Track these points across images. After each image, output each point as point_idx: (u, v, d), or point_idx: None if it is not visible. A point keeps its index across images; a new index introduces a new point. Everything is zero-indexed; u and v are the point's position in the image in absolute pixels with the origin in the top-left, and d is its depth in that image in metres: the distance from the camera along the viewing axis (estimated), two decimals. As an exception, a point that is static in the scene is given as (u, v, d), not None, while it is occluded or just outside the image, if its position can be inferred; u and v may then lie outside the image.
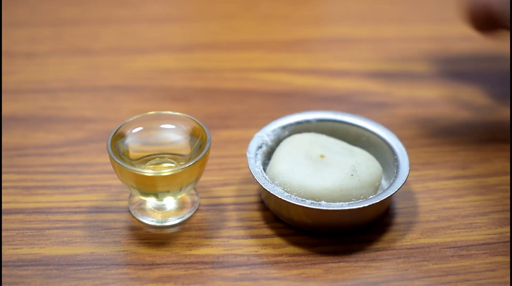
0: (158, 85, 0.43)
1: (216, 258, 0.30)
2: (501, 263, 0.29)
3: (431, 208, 0.32)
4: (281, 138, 0.34)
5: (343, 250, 0.30)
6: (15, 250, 0.30)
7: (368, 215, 0.30)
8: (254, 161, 0.32)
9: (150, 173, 0.29)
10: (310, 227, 0.30)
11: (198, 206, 0.32)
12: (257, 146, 0.33)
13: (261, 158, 0.32)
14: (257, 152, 0.32)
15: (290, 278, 0.29)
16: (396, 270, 0.29)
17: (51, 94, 0.41)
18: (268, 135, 0.33)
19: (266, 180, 0.31)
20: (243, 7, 0.53)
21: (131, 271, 0.29)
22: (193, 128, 0.32)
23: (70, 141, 0.37)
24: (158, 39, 0.49)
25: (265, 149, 0.33)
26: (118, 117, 0.39)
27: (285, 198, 0.29)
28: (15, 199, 0.33)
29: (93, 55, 0.46)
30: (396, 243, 0.30)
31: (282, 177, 0.30)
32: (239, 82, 0.43)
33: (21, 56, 0.46)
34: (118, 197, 0.33)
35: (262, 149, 0.33)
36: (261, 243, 0.30)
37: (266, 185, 0.30)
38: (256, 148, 0.32)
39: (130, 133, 0.32)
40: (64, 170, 0.35)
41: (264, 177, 0.31)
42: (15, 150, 0.36)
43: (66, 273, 0.29)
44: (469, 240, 0.30)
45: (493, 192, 0.33)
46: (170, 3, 0.56)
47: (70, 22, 0.50)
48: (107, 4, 0.53)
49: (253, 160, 0.32)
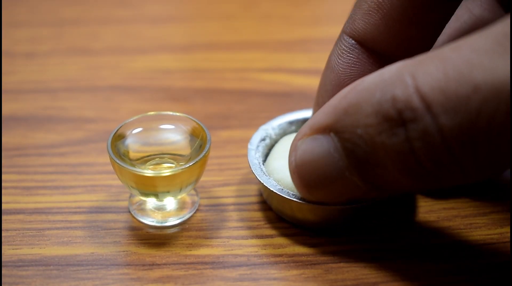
0: (158, 85, 0.43)
1: (216, 258, 0.30)
2: (501, 263, 0.29)
3: (431, 208, 0.32)
4: (287, 133, 0.34)
5: (343, 250, 0.30)
6: (15, 250, 0.30)
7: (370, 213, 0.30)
8: (254, 153, 0.31)
9: (150, 174, 0.29)
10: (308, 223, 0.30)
11: (198, 207, 0.32)
12: (261, 138, 0.32)
13: (262, 150, 0.32)
14: (259, 144, 0.32)
15: (290, 278, 0.29)
16: (396, 270, 0.29)
17: (51, 94, 0.41)
18: (273, 129, 0.33)
19: (262, 172, 0.30)
20: (243, 7, 0.53)
21: (131, 271, 0.29)
22: (193, 128, 0.32)
23: (70, 141, 0.37)
24: (158, 39, 0.49)
25: (268, 142, 0.33)
26: (118, 117, 0.39)
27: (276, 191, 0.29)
28: (15, 199, 0.33)
29: (93, 55, 0.46)
30: (396, 243, 0.30)
31: (276, 174, 0.30)
32: (239, 82, 0.43)
33: (21, 56, 0.46)
34: (118, 197, 0.33)
35: (265, 142, 0.32)
36: (261, 244, 0.30)
37: (261, 177, 0.30)
38: (259, 140, 0.32)
39: (130, 133, 0.32)
40: (64, 170, 0.35)
41: (261, 169, 0.31)
42: (15, 150, 0.36)
43: (66, 273, 0.29)
44: (469, 240, 0.30)
45: (493, 192, 0.33)
46: (170, 3, 0.56)
47: (70, 22, 0.50)
48: (107, 4, 0.53)
49: (254, 152, 0.31)
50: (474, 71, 0.22)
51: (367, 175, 0.25)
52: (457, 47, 0.22)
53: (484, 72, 0.21)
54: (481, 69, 0.21)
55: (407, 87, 0.23)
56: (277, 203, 0.31)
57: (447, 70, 0.22)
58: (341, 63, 0.29)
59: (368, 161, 0.24)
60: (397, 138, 0.23)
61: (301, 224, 0.31)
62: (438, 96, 0.22)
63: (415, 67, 0.23)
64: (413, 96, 0.23)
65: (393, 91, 0.23)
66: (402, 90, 0.23)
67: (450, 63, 0.22)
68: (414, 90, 0.23)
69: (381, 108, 0.23)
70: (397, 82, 0.23)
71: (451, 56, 0.22)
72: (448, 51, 0.23)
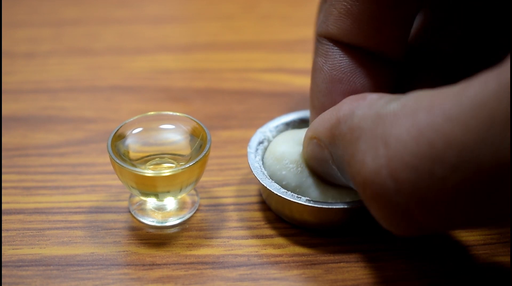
0: (158, 85, 0.43)
1: (216, 259, 0.30)
2: (501, 263, 0.29)
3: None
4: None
5: (343, 250, 0.30)
6: (15, 250, 0.30)
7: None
8: (254, 156, 0.31)
9: (150, 174, 0.29)
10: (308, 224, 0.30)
11: (198, 207, 0.32)
12: (259, 141, 0.32)
13: (261, 153, 0.32)
14: (258, 147, 0.32)
15: (290, 278, 0.29)
16: (396, 270, 0.29)
17: (51, 94, 0.41)
18: (271, 131, 0.33)
19: (265, 175, 0.30)
20: (243, 7, 0.53)
21: (131, 271, 0.29)
22: (193, 128, 0.32)
23: (70, 141, 0.37)
24: (158, 39, 0.49)
25: (266, 144, 0.33)
26: (118, 117, 0.39)
27: (281, 194, 0.29)
28: (15, 199, 0.33)
29: (93, 55, 0.46)
30: (396, 243, 0.30)
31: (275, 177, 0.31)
32: (239, 82, 0.43)
33: (21, 56, 0.46)
34: (118, 197, 0.33)
35: (263, 145, 0.33)
36: (261, 244, 0.30)
37: (264, 180, 0.30)
38: (257, 143, 0.32)
39: (130, 133, 0.32)
40: (64, 170, 0.35)
41: (263, 172, 0.31)
42: (15, 150, 0.36)
43: (67, 273, 0.29)
44: (469, 240, 0.30)
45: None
46: (170, 3, 0.56)
47: (70, 22, 0.50)
48: (107, 4, 0.53)
49: (253, 155, 0.32)
50: (449, 150, 0.21)
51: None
52: (430, 109, 0.22)
53: (465, 152, 0.20)
54: (457, 148, 0.21)
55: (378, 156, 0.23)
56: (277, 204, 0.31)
57: (420, 141, 0.22)
58: (328, 61, 0.29)
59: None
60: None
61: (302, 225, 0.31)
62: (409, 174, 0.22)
63: (389, 128, 0.23)
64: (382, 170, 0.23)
65: (365, 154, 0.24)
66: (372, 158, 0.23)
67: (424, 134, 0.21)
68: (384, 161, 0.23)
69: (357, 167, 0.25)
70: (371, 141, 0.24)
71: (423, 121, 0.22)
72: (421, 114, 0.22)
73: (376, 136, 0.23)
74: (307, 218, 0.30)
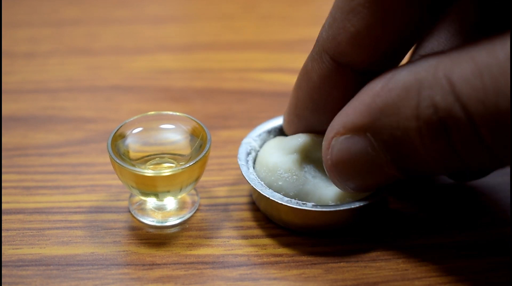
0: (158, 85, 0.43)
1: (216, 258, 0.30)
2: (501, 263, 0.29)
3: (431, 208, 0.32)
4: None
5: (343, 250, 0.30)
6: (15, 250, 0.30)
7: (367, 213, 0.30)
8: (247, 168, 0.31)
9: (150, 173, 0.29)
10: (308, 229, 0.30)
11: (198, 206, 0.32)
12: (247, 152, 0.32)
13: (252, 164, 0.32)
14: (248, 159, 0.32)
15: (290, 278, 0.29)
16: (396, 270, 0.29)
17: (51, 94, 0.41)
18: (255, 141, 0.33)
19: (263, 186, 0.30)
20: (243, 7, 0.53)
21: (131, 271, 0.29)
22: (193, 128, 0.32)
23: (70, 141, 0.37)
24: (158, 39, 0.49)
25: (254, 155, 0.32)
26: (118, 117, 0.39)
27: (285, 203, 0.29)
28: (15, 199, 0.33)
29: (93, 55, 0.46)
30: (396, 243, 0.30)
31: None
32: (239, 82, 0.43)
33: (21, 56, 0.46)
34: (118, 197, 0.33)
35: (251, 155, 0.32)
36: (261, 243, 0.30)
37: (264, 191, 0.30)
38: (246, 155, 0.32)
39: (130, 133, 0.32)
40: (64, 170, 0.35)
41: (260, 183, 0.30)
42: (15, 150, 0.36)
43: (67, 273, 0.29)
44: (469, 240, 0.30)
45: (493, 192, 0.33)
46: (170, 3, 0.56)
47: (70, 22, 0.50)
48: (107, 4, 0.53)
49: (246, 167, 0.31)
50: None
51: (407, 169, 0.26)
52: (491, 50, 0.23)
53: None
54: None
55: (447, 93, 0.23)
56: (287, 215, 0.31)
57: (484, 79, 0.23)
58: (317, 69, 0.30)
59: (409, 158, 0.26)
60: (440, 142, 0.24)
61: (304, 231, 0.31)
62: (479, 107, 0.23)
63: (450, 68, 0.24)
64: (454, 105, 0.23)
65: (433, 96, 0.24)
66: (442, 97, 0.24)
67: (486, 70, 0.23)
68: (454, 99, 0.23)
69: (422, 114, 0.24)
70: (435, 85, 0.24)
71: (486, 61, 0.23)
72: (482, 54, 0.23)
73: (437, 74, 0.24)
74: (314, 222, 0.30)
